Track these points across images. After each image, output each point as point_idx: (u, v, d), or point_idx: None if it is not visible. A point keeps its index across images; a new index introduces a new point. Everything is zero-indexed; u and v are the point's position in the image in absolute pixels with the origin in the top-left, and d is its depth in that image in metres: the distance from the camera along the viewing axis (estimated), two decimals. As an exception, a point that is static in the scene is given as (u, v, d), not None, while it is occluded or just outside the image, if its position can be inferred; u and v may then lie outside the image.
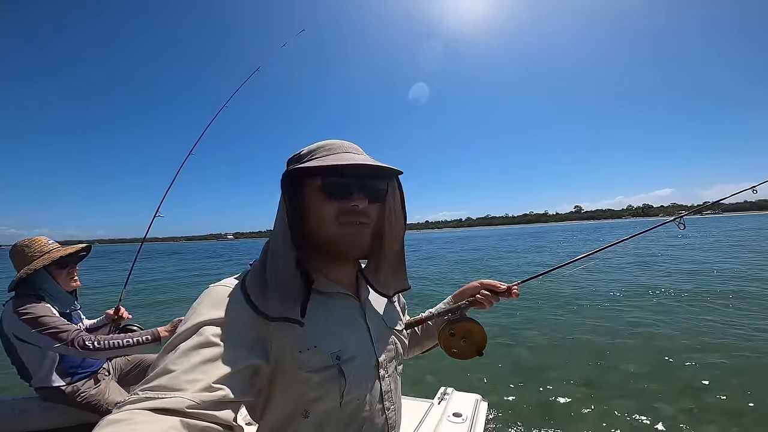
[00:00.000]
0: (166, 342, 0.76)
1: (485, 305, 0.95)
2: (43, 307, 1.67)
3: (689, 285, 8.86)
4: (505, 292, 0.95)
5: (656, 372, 4.06)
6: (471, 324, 0.93)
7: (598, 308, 7.17)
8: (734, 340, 4.90)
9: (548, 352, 4.89)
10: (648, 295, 8.07)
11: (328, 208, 0.65)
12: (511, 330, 5.93)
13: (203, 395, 0.46)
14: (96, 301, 9.57)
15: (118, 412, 0.43)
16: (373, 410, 0.69)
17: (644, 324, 5.85)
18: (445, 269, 16.10)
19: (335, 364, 0.63)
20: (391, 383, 0.74)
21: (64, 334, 1.62)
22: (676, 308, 6.80)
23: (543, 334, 5.69)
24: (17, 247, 1.80)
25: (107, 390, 1.90)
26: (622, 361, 4.38)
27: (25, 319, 1.62)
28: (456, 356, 0.95)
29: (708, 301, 7.19)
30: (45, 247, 1.81)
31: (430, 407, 1.75)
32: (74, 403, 1.79)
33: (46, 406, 1.81)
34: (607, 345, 5.01)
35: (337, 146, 0.69)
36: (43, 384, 1.73)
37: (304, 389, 0.62)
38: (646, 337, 5.22)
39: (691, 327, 5.57)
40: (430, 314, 0.98)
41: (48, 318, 1.64)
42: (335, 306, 0.70)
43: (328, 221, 0.66)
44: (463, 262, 19.56)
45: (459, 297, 0.98)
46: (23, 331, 1.62)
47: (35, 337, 1.61)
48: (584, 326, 5.98)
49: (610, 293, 8.46)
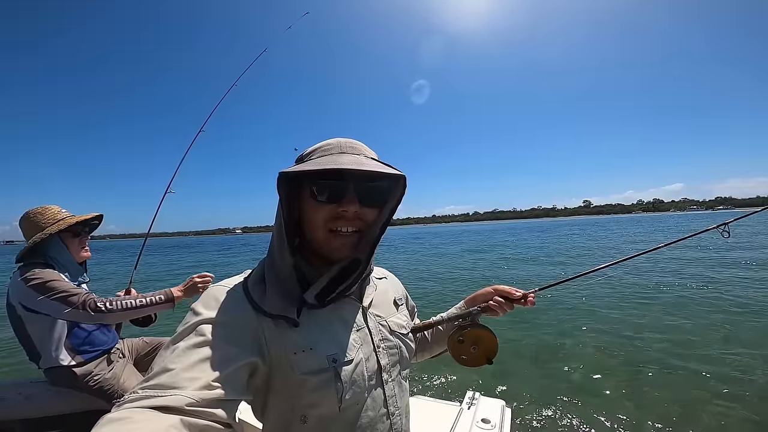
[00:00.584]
0: (183, 302, 0.79)
1: (498, 313, 0.92)
2: (51, 272, 1.58)
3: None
4: (521, 299, 0.92)
5: (697, 382, 3.79)
6: (482, 331, 0.89)
7: (630, 313, 6.57)
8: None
9: (570, 360, 4.62)
10: (690, 304, 7.17)
11: (317, 213, 0.65)
12: (530, 335, 5.64)
13: (202, 393, 0.47)
14: (106, 292, 9.69)
15: (117, 411, 0.43)
16: (376, 416, 0.68)
17: (682, 330, 5.40)
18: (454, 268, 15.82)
19: (331, 368, 0.62)
20: (396, 388, 0.72)
21: (74, 297, 1.52)
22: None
23: (572, 340, 5.36)
24: (30, 215, 1.69)
25: (122, 374, 1.76)
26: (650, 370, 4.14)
27: (32, 285, 1.52)
28: (465, 363, 0.92)
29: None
30: (58, 214, 1.71)
31: (459, 412, 1.74)
32: (86, 387, 1.66)
33: (55, 390, 1.68)
34: (634, 353, 4.67)
35: (334, 146, 0.66)
36: (52, 363, 1.61)
37: (299, 392, 0.60)
38: (682, 345, 4.84)
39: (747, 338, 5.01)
40: (441, 319, 0.95)
41: (56, 282, 1.54)
42: (336, 308, 0.68)
43: (318, 226, 0.65)
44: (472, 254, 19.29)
45: (471, 302, 0.95)
46: (31, 299, 1.52)
47: (44, 304, 1.51)
48: (615, 332, 5.54)
49: (639, 298, 7.71)
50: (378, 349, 0.70)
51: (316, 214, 0.64)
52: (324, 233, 0.65)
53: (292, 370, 0.60)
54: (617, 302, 7.49)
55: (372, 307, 0.75)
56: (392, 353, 0.73)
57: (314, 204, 0.64)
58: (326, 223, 0.65)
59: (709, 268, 11.02)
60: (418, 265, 16.07)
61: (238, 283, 0.64)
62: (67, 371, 1.63)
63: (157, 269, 17.83)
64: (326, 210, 0.64)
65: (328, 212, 0.64)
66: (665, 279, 9.62)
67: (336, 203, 0.64)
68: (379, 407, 0.68)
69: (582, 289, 8.42)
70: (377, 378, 0.69)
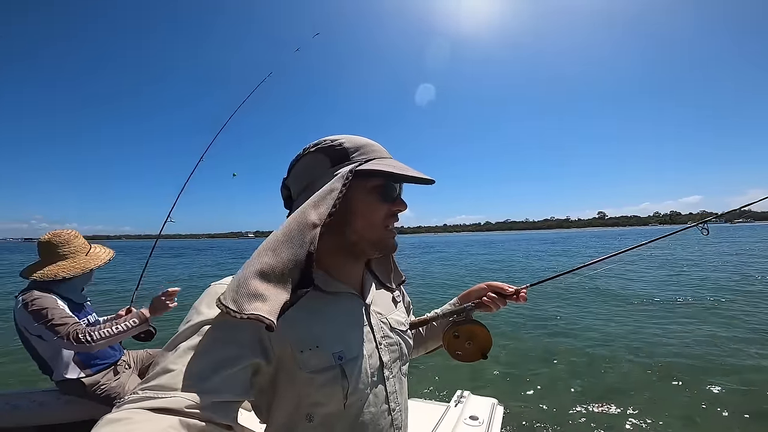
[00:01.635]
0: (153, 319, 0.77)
1: (492, 308, 0.93)
2: (48, 299, 1.64)
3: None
4: (513, 295, 0.93)
5: (687, 383, 3.89)
6: (476, 327, 0.91)
7: (621, 311, 7.01)
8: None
9: (567, 360, 4.76)
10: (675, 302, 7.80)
11: (377, 211, 0.68)
12: (525, 333, 5.84)
13: (202, 394, 0.46)
14: (118, 298, 9.88)
15: (116, 412, 0.43)
16: (378, 411, 0.68)
17: (669, 333, 5.62)
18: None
19: (337, 365, 0.62)
20: (396, 384, 0.74)
21: (62, 328, 1.59)
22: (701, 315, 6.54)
23: (565, 338, 5.56)
24: (52, 243, 1.77)
25: (128, 383, 1.87)
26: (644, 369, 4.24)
27: (30, 311, 1.60)
28: (460, 359, 0.93)
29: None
30: (82, 248, 1.82)
31: (446, 410, 1.74)
32: (94, 396, 1.76)
33: (66, 399, 1.79)
34: (626, 352, 4.85)
35: (383, 150, 0.72)
36: (63, 377, 1.71)
37: (307, 391, 0.61)
38: (668, 347, 5.03)
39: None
40: (436, 315, 0.97)
41: (50, 310, 1.61)
42: (339, 306, 0.69)
43: (377, 224, 0.69)
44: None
45: (465, 299, 0.97)
46: (30, 325, 1.61)
47: (40, 330, 1.60)
48: (605, 331, 5.82)
49: (631, 297, 8.25)
50: (380, 346, 0.72)
51: (377, 212, 0.68)
52: (381, 229, 0.70)
53: (299, 369, 0.60)
54: (609, 300, 7.95)
55: (373, 305, 0.76)
56: (393, 350, 0.75)
57: (378, 202, 0.68)
58: (384, 220, 0.69)
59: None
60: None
61: None
62: (77, 382, 1.74)
63: (173, 271, 18.07)
64: (385, 208, 0.69)
65: (387, 210, 0.69)
66: (658, 275, 10.44)
67: (391, 203, 0.69)
68: (381, 403, 0.69)
69: (576, 287, 8.78)
70: (379, 374, 0.70)
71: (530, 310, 7.14)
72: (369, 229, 0.69)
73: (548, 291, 8.15)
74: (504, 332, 5.86)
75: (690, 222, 2.34)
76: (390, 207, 0.70)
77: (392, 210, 0.70)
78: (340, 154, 0.67)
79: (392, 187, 0.69)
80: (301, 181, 0.71)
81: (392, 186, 0.69)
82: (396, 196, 0.70)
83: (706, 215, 11.31)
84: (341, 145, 0.68)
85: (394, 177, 0.67)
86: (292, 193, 0.73)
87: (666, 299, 8.15)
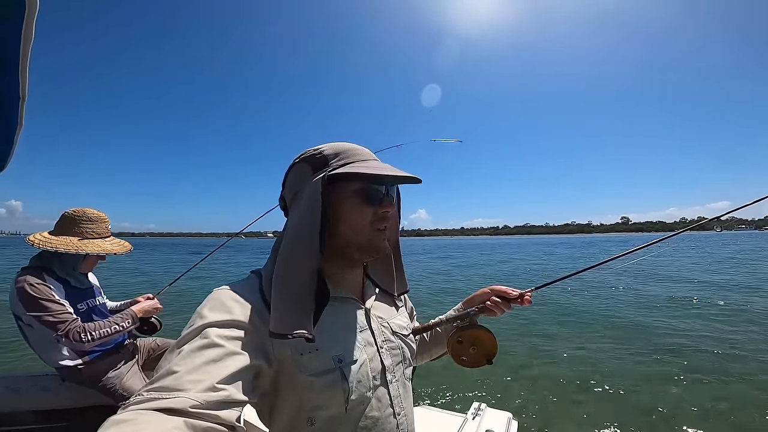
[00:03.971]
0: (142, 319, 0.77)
1: (496, 312, 0.91)
2: (42, 289, 1.61)
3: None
4: (517, 298, 0.90)
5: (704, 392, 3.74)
6: (480, 331, 0.89)
7: (628, 320, 6.78)
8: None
9: (582, 374, 4.58)
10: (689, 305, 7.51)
11: (362, 214, 0.68)
12: (532, 342, 5.68)
13: (206, 395, 0.47)
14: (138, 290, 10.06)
15: (122, 413, 0.44)
16: (381, 416, 0.68)
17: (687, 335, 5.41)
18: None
19: (337, 368, 0.63)
20: (400, 388, 0.73)
21: (61, 325, 1.58)
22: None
23: (575, 347, 5.39)
24: (80, 216, 1.76)
25: (127, 373, 1.84)
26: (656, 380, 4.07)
27: (22, 299, 1.59)
28: (465, 364, 0.91)
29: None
30: (106, 230, 1.83)
31: (464, 422, 1.73)
32: (92, 384, 1.76)
33: (65, 385, 1.79)
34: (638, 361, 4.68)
35: (366, 153, 0.72)
36: (61, 363, 1.70)
37: (308, 394, 0.61)
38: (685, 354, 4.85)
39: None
40: (439, 321, 0.96)
41: (46, 303, 1.59)
42: (339, 310, 0.70)
43: (364, 227, 0.68)
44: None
45: (469, 303, 0.95)
46: (23, 314, 1.60)
47: (33, 321, 1.59)
48: (606, 337, 5.66)
49: (634, 305, 7.96)
50: (381, 350, 0.72)
51: (361, 216, 0.68)
52: (369, 232, 0.69)
53: (299, 372, 0.61)
54: (624, 303, 7.56)
55: (374, 309, 0.77)
56: (395, 354, 0.74)
57: (361, 205, 0.68)
58: (372, 223, 0.69)
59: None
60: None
61: (243, 287, 0.65)
62: (75, 370, 1.73)
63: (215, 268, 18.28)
64: (370, 211, 0.68)
65: (372, 213, 0.68)
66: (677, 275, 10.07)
67: (377, 205, 0.69)
68: (385, 407, 0.69)
69: (584, 290, 8.49)
70: (381, 378, 0.70)
71: (545, 316, 6.96)
72: (356, 233, 0.69)
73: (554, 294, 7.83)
74: (511, 337, 5.77)
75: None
76: (376, 209, 0.69)
77: (378, 212, 0.69)
78: (320, 161, 0.68)
79: (375, 189, 0.68)
80: (290, 192, 0.72)
81: (374, 188, 0.68)
82: (382, 197, 0.69)
83: (735, 222, 10.98)
84: (321, 153, 0.69)
85: (374, 179, 0.67)
86: (286, 203, 0.75)
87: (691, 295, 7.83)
